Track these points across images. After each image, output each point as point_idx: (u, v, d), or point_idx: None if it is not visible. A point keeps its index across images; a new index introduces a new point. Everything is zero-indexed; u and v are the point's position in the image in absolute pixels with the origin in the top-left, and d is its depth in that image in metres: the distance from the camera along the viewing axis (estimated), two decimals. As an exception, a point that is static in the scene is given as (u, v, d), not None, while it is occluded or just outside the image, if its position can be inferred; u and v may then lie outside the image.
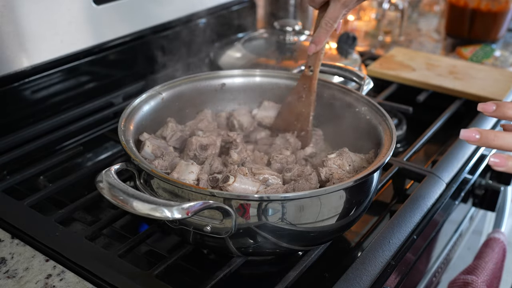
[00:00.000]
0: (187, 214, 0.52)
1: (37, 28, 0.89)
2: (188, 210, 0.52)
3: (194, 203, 0.53)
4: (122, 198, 0.53)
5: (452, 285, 0.84)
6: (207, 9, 1.22)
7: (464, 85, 1.10)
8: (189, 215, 0.52)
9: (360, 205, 0.65)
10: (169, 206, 0.52)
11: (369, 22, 1.52)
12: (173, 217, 0.52)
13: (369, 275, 0.63)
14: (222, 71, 0.86)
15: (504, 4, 1.40)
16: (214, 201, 0.56)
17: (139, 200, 0.52)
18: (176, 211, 0.52)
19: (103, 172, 0.56)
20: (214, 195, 0.56)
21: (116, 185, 0.54)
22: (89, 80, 1.02)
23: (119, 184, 0.54)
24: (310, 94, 0.81)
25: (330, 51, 1.14)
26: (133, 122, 0.71)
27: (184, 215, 0.52)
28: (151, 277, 0.60)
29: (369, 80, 0.81)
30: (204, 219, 0.59)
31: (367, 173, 0.60)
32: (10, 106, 0.89)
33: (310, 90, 0.81)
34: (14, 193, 0.76)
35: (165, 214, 0.52)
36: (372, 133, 0.73)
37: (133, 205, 0.52)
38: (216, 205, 0.56)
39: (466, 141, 0.57)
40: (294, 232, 0.60)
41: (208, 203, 0.55)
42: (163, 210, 0.52)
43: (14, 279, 0.62)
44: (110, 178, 0.55)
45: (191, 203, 0.53)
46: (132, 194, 0.53)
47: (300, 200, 0.58)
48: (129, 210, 0.53)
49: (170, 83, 0.80)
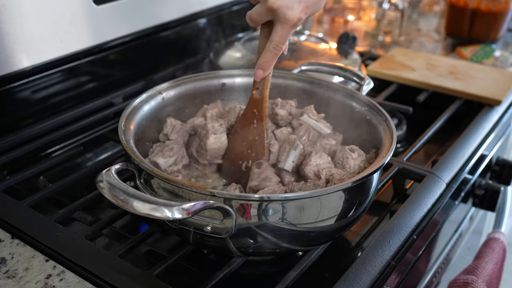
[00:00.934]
0: (187, 214, 0.52)
1: (37, 28, 0.89)
2: (189, 210, 0.52)
3: (195, 203, 0.53)
4: (123, 198, 0.53)
5: (452, 285, 0.84)
6: (207, 9, 1.22)
7: (464, 85, 1.10)
8: (189, 215, 0.52)
9: (360, 206, 0.65)
10: (170, 206, 0.52)
11: (369, 22, 1.52)
12: (174, 217, 0.52)
13: (369, 275, 0.63)
14: (222, 71, 0.86)
15: (504, 4, 1.40)
16: (214, 201, 0.56)
17: (139, 200, 0.52)
18: (176, 211, 0.52)
19: (103, 172, 0.56)
20: (215, 195, 0.56)
21: (116, 185, 0.54)
22: (89, 80, 1.02)
23: (119, 184, 0.54)
24: (261, 120, 0.74)
25: (330, 51, 1.14)
26: (133, 122, 0.71)
27: (184, 215, 0.52)
28: (151, 277, 0.60)
29: (369, 80, 0.81)
30: (204, 219, 0.59)
31: (366, 173, 0.60)
32: (10, 106, 0.89)
33: (261, 116, 0.74)
34: (14, 193, 0.76)
35: (166, 214, 0.52)
36: (373, 133, 0.73)
37: (134, 205, 0.52)
38: (216, 205, 0.56)
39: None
40: (294, 232, 0.60)
41: (208, 203, 0.55)
42: (163, 210, 0.52)
43: (14, 279, 0.62)
44: (111, 178, 0.55)
45: (192, 203, 0.53)
46: (133, 194, 0.53)
47: (300, 201, 0.58)
48: (130, 210, 0.53)
49: (170, 83, 0.80)
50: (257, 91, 0.73)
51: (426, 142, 0.94)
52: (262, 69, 0.70)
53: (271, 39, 0.67)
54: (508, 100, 1.09)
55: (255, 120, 0.74)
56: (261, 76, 0.71)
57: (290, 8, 0.63)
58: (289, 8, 0.63)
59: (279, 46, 0.67)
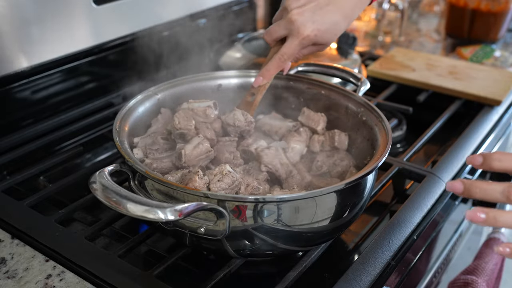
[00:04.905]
0: (179, 215, 0.52)
1: (37, 28, 0.89)
2: (181, 211, 0.52)
3: (187, 205, 0.52)
4: (116, 200, 0.52)
5: (452, 285, 0.84)
6: (207, 9, 1.22)
7: (464, 85, 1.10)
8: (182, 217, 0.52)
9: (354, 207, 0.64)
10: (162, 207, 0.51)
11: (369, 22, 1.52)
12: (166, 218, 0.51)
13: (369, 275, 0.63)
14: (218, 72, 0.85)
15: (504, 4, 1.40)
16: (208, 202, 0.55)
17: (132, 202, 0.52)
18: (169, 212, 0.51)
19: (96, 173, 0.55)
20: (208, 197, 0.56)
21: (109, 187, 0.54)
22: (89, 80, 1.02)
23: (112, 185, 0.54)
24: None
25: (330, 51, 1.14)
26: (128, 123, 0.71)
27: (177, 217, 0.52)
28: (151, 277, 0.60)
29: (366, 81, 0.81)
30: (198, 220, 0.58)
31: (360, 175, 0.60)
32: (10, 106, 0.89)
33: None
34: (14, 193, 0.76)
35: (158, 215, 0.51)
36: (369, 134, 0.73)
37: (127, 206, 0.52)
38: (209, 207, 0.55)
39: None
40: (290, 233, 0.60)
41: (201, 204, 0.54)
42: (156, 211, 0.51)
43: (14, 279, 0.62)
44: (104, 179, 0.55)
45: (184, 204, 0.52)
46: (125, 195, 0.53)
47: (295, 202, 0.58)
48: (123, 212, 0.52)
49: (166, 84, 0.80)
50: (251, 96, 0.78)
51: (426, 142, 0.94)
52: (262, 77, 0.78)
53: (280, 51, 0.76)
54: (508, 100, 1.09)
55: None
56: (259, 83, 0.78)
57: (304, 24, 0.74)
58: (303, 24, 0.74)
59: (284, 57, 0.76)
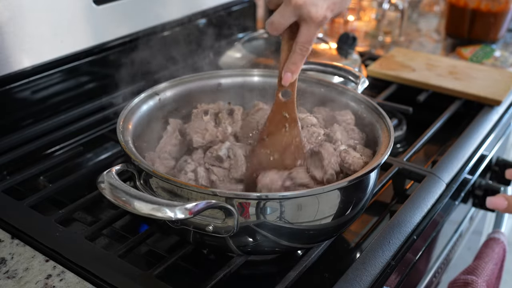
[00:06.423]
0: (189, 214, 0.52)
1: (37, 28, 0.89)
2: (191, 210, 0.52)
3: (197, 203, 0.53)
4: (125, 199, 0.53)
5: (452, 285, 0.84)
6: (207, 9, 1.22)
7: (464, 86, 1.10)
8: (191, 215, 0.52)
9: (357, 204, 0.65)
10: (172, 206, 0.52)
11: (369, 23, 1.52)
12: (176, 217, 0.51)
13: (369, 275, 0.63)
14: (218, 71, 0.85)
15: (504, 4, 1.40)
16: (216, 200, 0.56)
17: (141, 201, 0.52)
18: (178, 211, 0.51)
19: (104, 173, 0.56)
20: (216, 195, 0.56)
21: (118, 186, 0.54)
22: (89, 80, 1.02)
23: (121, 185, 0.54)
24: (295, 122, 0.70)
25: (330, 51, 1.14)
26: (131, 122, 0.71)
27: (187, 215, 0.52)
28: (151, 277, 0.60)
29: (365, 79, 0.81)
30: (206, 218, 0.59)
31: (363, 172, 0.60)
32: (10, 106, 0.89)
33: (293, 118, 0.70)
34: (14, 193, 0.76)
35: (168, 214, 0.51)
36: (370, 132, 0.73)
37: (136, 205, 0.52)
38: (219, 205, 0.55)
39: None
40: (292, 231, 0.60)
41: (211, 202, 0.54)
42: (165, 210, 0.51)
43: (14, 280, 0.62)
44: (112, 179, 0.55)
45: (194, 203, 0.52)
46: (134, 194, 0.53)
47: (298, 199, 0.58)
48: (132, 211, 0.52)
49: (166, 83, 0.80)
50: (285, 95, 0.69)
51: (426, 142, 0.94)
52: (291, 72, 0.67)
53: (297, 41, 0.65)
54: (508, 100, 1.09)
55: (286, 124, 0.70)
56: (290, 80, 0.67)
57: (315, 5, 0.61)
58: (314, 5, 0.61)
59: (305, 47, 0.65)
